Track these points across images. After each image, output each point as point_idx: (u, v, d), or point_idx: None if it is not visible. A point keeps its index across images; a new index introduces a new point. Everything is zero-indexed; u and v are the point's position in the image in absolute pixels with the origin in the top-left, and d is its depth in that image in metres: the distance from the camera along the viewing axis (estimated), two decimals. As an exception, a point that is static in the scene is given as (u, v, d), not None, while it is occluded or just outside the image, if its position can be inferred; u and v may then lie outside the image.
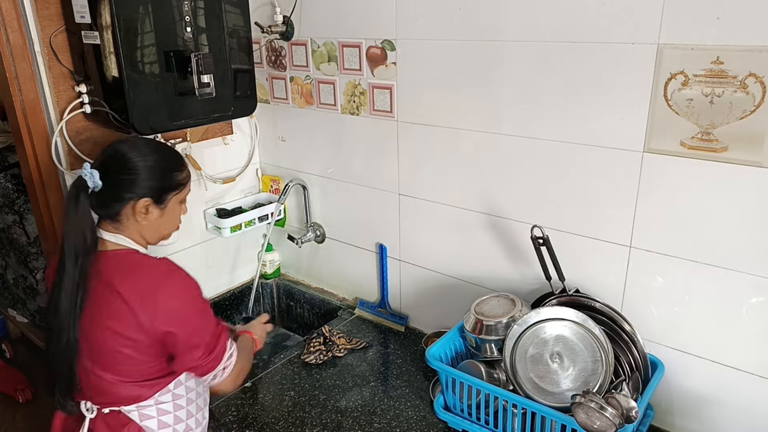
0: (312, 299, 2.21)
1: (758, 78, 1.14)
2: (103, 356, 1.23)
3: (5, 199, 2.80)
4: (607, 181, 1.39)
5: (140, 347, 1.22)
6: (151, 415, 1.28)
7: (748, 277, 1.26)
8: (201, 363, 1.26)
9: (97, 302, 1.22)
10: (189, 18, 1.61)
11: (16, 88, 1.59)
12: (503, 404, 1.37)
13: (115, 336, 1.21)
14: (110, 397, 1.27)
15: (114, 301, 1.20)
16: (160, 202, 1.30)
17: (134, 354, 1.23)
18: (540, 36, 1.40)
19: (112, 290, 1.21)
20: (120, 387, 1.25)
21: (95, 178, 1.23)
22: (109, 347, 1.22)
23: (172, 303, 1.22)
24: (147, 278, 1.23)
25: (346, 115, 1.89)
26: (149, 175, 1.28)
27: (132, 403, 1.27)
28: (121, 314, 1.20)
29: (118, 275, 1.22)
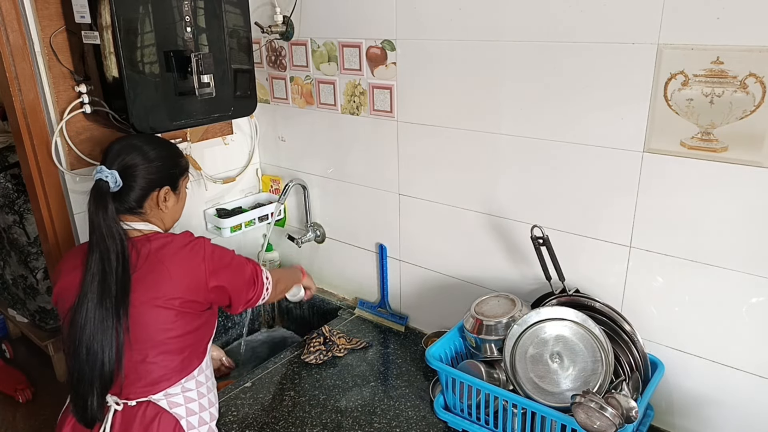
0: (312, 299, 2.21)
1: (758, 78, 1.14)
2: (146, 331, 1.28)
3: (5, 199, 2.80)
4: (607, 181, 1.39)
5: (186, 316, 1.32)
6: (179, 402, 1.34)
7: (748, 277, 1.26)
8: (252, 297, 1.45)
9: (144, 280, 1.28)
10: (189, 18, 1.61)
11: (16, 88, 1.59)
12: (503, 404, 1.37)
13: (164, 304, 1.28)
14: (142, 381, 1.30)
15: (161, 272, 1.29)
16: (176, 189, 1.44)
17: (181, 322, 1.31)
18: (540, 36, 1.40)
19: (157, 263, 1.30)
20: (156, 368, 1.31)
21: (117, 178, 1.31)
22: (157, 319, 1.28)
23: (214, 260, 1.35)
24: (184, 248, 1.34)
25: (346, 115, 1.89)
26: (165, 165, 1.40)
27: (161, 390, 1.32)
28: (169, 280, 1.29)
29: (161, 249, 1.32)
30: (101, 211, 1.28)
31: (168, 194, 1.41)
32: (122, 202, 1.34)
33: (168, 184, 1.41)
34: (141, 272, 1.29)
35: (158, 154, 1.39)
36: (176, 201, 1.45)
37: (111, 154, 1.35)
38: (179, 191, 1.46)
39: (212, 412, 1.42)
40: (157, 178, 1.38)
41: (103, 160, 1.35)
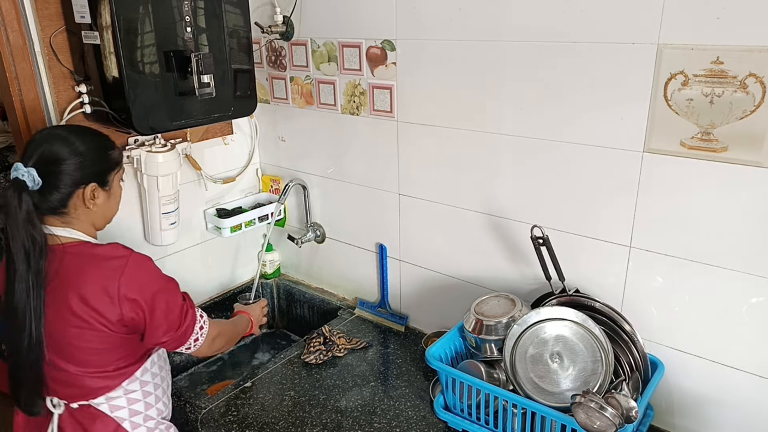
0: (312, 299, 2.21)
1: (758, 78, 1.14)
2: (68, 350, 1.23)
3: (5, 199, 2.80)
4: (607, 181, 1.39)
5: (105, 336, 1.23)
6: (121, 405, 1.30)
7: (748, 277, 1.25)
8: (169, 339, 1.29)
9: (57, 297, 1.21)
10: (189, 18, 1.61)
11: (16, 88, 1.59)
12: (503, 404, 1.37)
13: (81, 329, 1.21)
14: (78, 389, 1.27)
15: (76, 294, 1.20)
16: (105, 185, 1.30)
17: (100, 344, 1.24)
18: (540, 36, 1.40)
19: (72, 283, 1.20)
20: (87, 379, 1.26)
21: (35, 176, 1.19)
22: (75, 340, 1.22)
23: (134, 290, 1.22)
24: (106, 266, 1.22)
25: (346, 115, 1.89)
26: (89, 159, 1.26)
27: (101, 395, 1.28)
28: (84, 305, 1.20)
29: (77, 267, 1.21)
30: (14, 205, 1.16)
31: (96, 191, 1.27)
32: (44, 201, 1.21)
33: (95, 180, 1.26)
34: (53, 288, 1.20)
35: (84, 147, 1.25)
36: (107, 198, 1.31)
37: (29, 148, 1.22)
38: (110, 187, 1.31)
39: (159, 407, 1.38)
40: (81, 174, 1.24)
41: (22, 155, 1.22)
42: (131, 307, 1.22)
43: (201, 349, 1.38)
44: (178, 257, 2.02)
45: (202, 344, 1.37)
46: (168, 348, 1.35)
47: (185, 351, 1.36)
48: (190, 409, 1.58)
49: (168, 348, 1.35)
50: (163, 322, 1.27)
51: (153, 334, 1.27)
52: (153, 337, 1.28)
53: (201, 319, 1.37)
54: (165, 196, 1.79)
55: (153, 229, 1.84)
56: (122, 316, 1.22)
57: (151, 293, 1.24)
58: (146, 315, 1.24)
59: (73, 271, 1.21)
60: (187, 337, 1.33)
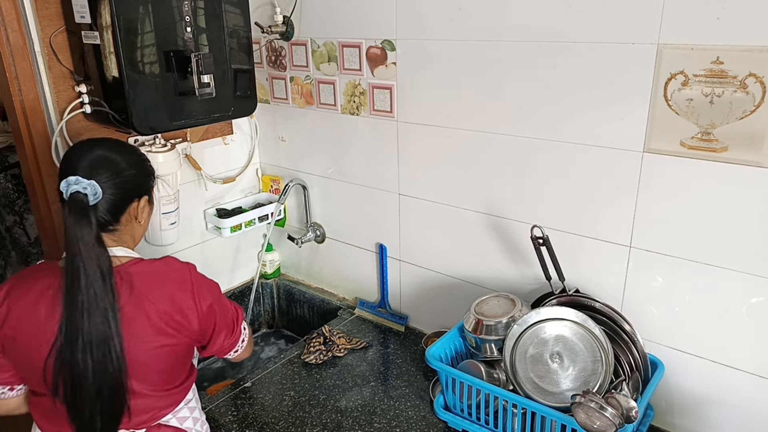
0: (312, 299, 2.21)
1: (758, 78, 1.14)
2: (144, 370, 1.18)
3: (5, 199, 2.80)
4: (607, 181, 1.39)
5: (180, 350, 1.21)
6: (186, 415, 1.29)
7: (748, 277, 1.26)
8: (229, 342, 1.32)
9: (132, 318, 1.14)
10: (189, 18, 1.61)
11: (16, 88, 1.59)
12: (503, 404, 1.37)
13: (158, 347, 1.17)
14: (149, 413, 1.22)
15: (150, 313, 1.15)
16: (151, 198, 1.30)
17: (174, 358, 1.22)
18: (540, 36, 1.40)
19: (145, 302, 1.15)
20: (157, 399, 1.22)
21: (97, 189, 1.12)
22: (151, 359, 1.17)
23: (206, 297, 1.23)
24: (175, 280, 1.21)
25: (346, 115, 1.89)
26: (140, 172, 1.24)
27: (169, 413, 1.25)
28: (160, 323, 1.16)
29: (149, 285, 1.17)
30: (85, 230, 1.08)
31: (145, 204, 1.26)
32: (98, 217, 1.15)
33: (146, 194, 1.26)
34: (125, 311, 1.13)
35: (132, 161, 1.22)
36: (150, 211, 1.30)
37: (83, 163, 1.15)
38: (152, 199, 1.31)
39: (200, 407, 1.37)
40: (135, 188, 1.22)
41: (72, 170, 1.13)
42: (208, 313, 1.23)
43: (244, 351, 1.39)
44: (178, 257, 2.02)
45: (246, 345, 1.38)
46: (221, 353, 1.34)
47: (232, 355, 1.36)
48: (190, 409, 1.58)
49: (221, 353, 1.34)
50: (224, 326, 1.29)
51: (216, 339, 1.28)
52: (216, 343, 1.29)
53: (244, 322, 1.38)
54: (165, 196, 1.79)
55: (153, 229, 1.84)
56: (201, 325, 1.22)
57: (216, 299, 1.26)
58: (217, 320, 1.26)
59: (145, 288, 1.16)
60: (237, 338, 1.34)
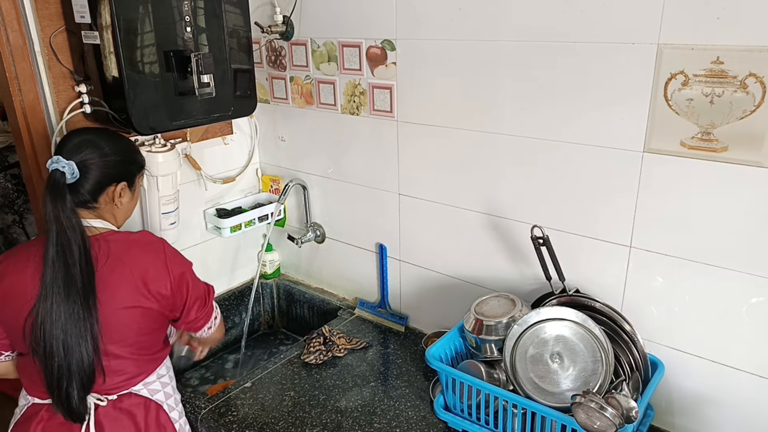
0: (312, 299, 2.21)
1: (758, 78, 1.14)
2: (120, 331, 1.29)
3: (5, 199, 2.80)
4: (607, 181, 1.39)
5: (152, 314, 1.32)
6: (157, 389, 1.39)
7: (748, 277, 1.26)
8: (201, 315, 1.42)
9: (109, 281, 1.26)
10: (189, 18, 1.61)
11: (16, 88, 1.59)
12: (503, 404, 1.37)
13: (132, 308, 1.28)
14: (121, 376, 1.32)
15: (126, 276, 1.28)
16: (132, 185, 1.41)
17: (148, 322, 1.32)
18: (540, 36, 1.40)
19: (121, 266, 1.28)
20: (131, 362, 1.33)
21: (74, 169, 1.27)
22: (126, 320, 1.29)
23: (178, 266, 1.35)
24: (150, 249, 1.34)
25: (346, 115, 1.89)
26: (123, 159, 1.37)
27: (140, 381, 1.35)
28: (137, 284, 1.28)
29: (125, 251, 1.30)
30: (59, 203, 1.23)
31: (124, 190, 1.38)
32: (76, 195, 1.29)
33: (125, 180, 1.37)
34: (102, 273, 1.26)
35: (117, 149, 1.36)
36: (131, 198, 1.42)
37: (69, 146, 1.31)
38: (135, 188, 1.43)
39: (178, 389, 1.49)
40: (114, 173, 1.34)
41: (59, 151, 1.30)
42: (179, 282, 1.34)
43: (217, 331, 1.50)
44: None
45: (219, 323, 1.49)
46: (195, 327, 1.44)
47: (206, 332, 1.46)
48: (190, 409, 1.58)
49: (195, 327, 1.44)
50: (198, 298, 1.40)
51: (190, 311, 1.39)
52: (189, 314, 1.39)
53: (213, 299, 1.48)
54: (165, 196, 1.79)
55: (153, 228, 1.84)
56: (172, 290, 1.32)
57: (188, 270, 1.38)
58: (189, 290, 1.37)
59: (122, 253, 1.29)
60: (210, 313, 1.45)
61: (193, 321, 1.42)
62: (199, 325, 1.44)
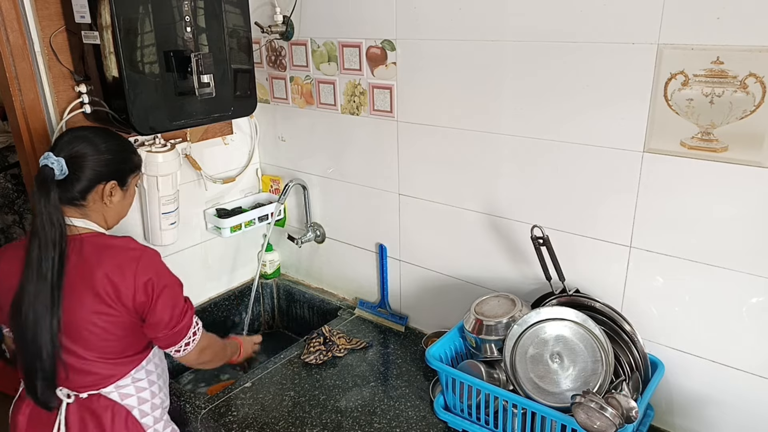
0: (312, 299, 2.21)
1: (758, 78, 1.14)
2: (83, 335, 1.28)
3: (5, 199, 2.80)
4: (607, 181, 1.39)
5: (119, 322, 1.29)
6: (130, 393, 1.36)
7: (748, 277, 1.26)
8: (164, 335, 1.34)
9: (76, 283, 1.26)
10: (189, 18, 1.61)
11: (16, 88, 1.59)
12: (503, 404, 1.37)
13: (96, 313, 1.27)
14: (90, 377, 1.31)
15: (93, 281, 1.26)
16: (123, 185, 1.39)
17: (114, 329, 1.30)
18: (540, 36, 1.40)
19: (92, 269, 1.26)
20: (100, 365, 1.31)
21: (62, 165, 1.27)
22: (90, 325, 1.27)
23: (148, 276, 1.29)
24: (122, 255, 1.29)
25: (346, 115, 1.89)
26: (115, 158, 1.36)
27: (110, 384, 1.33)
28: (101, 291, 1.26)
29: (96, 254, 1.28)
30: (43, 198, 1.23)
31: (114, 189, 1.36)
32: (66, 191, 1.29)
33: (116, 179, 1.36)
34: (70, 274, 1.26)
35: (109, 147, 1.35)
36: (122, 197, 1.40)
37: (61, 142, 1.32)
38: (127, 188, 1.41)
39: (162, 396, 1.44)
40: (105, 171, 1.33)
41: (52, 148, 1.31)
42: (144, 291, 1.28)
43: (189, 356, 1.41)
44: (177, 257, 2.02)
45: (191, 350, 1.40)
46: (161, 345, 1.38)
47: (174, 354, 1.39)
48: (190, 409, 1.58)
49: (161, 345, 1.38)
50: (164, 316, 1.32)
51: (150, 325, 1.32)
52: (150, 328, 1.33)
53: (196, 326, 1.41)
54: (165, 196, 1.79)
55: (153, 228, 1.84)
56: (135, 300, 1.28)
57: (161, 285, 1.31)
58: (152, 303, 1.30)
59: (93, 257, 1.28)
60: (180, 337, 1.37)
61: (157, 338, 1.35)
62: (162, 345, 1.38)
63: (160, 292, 1.30)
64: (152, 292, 1.29)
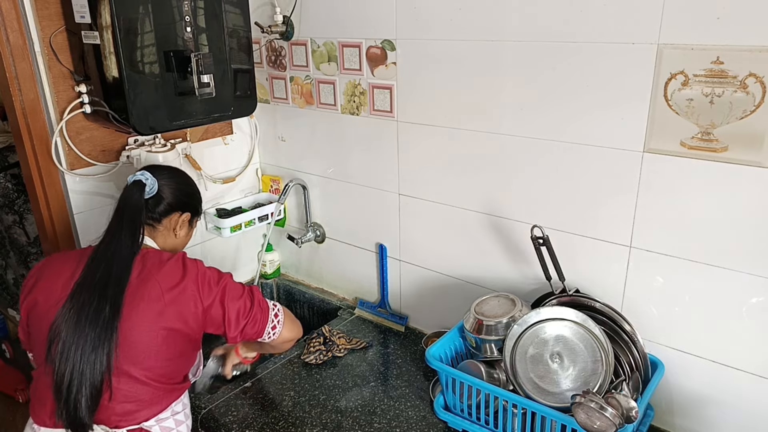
0: (312, 299, 2.21)
1: (758, 78, 1.14)
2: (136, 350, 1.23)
3: (5, 199, 2.80)
4: (607, 181, 1.39)
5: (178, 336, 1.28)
6: (171, 427, 1.32)
7: (748, 277, 1.26)
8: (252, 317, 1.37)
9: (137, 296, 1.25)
10: (189, 18, 1.61)
11: (16, 88, 1.59)
12: (503, 404, 1.37)
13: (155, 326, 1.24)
14: (132, 403, 1.24)
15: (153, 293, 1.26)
16: (192, 222, 1.52)
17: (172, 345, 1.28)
18: (540, 36, 1.40)
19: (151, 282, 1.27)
20: (145, 389, 1.25)
21: (154, 184, 1.38)
22: (146, 339, 1.24)
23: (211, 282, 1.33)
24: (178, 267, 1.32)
25: (346, 115, 1.89)
26: (194, 195, 1.51)
27: (152, 416, 1.28)
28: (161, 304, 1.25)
29: (157, 268, 1.30)
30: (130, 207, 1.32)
31: (185, 222, 1.47)
32: (147, 210, 1.39)
33: (190, 212, 1.48)
34: (132, 285, 1.25)
35: (190, 183, 1.50)
36: (187, 233, 1.50)
37: (154, 167, 1.45)
38: (193, 226, 1.53)
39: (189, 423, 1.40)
40: (184, 202, 1.45)
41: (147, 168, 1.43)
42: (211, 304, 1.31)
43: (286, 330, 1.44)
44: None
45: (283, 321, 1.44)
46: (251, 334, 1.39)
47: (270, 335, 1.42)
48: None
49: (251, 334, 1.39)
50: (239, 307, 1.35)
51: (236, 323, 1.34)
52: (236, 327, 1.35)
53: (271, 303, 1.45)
54: (165, 196, 1.79)
55: (153, 229, 1.84)
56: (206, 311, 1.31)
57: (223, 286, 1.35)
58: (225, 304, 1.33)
59: (155, 269, 1.29)
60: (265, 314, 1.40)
61: (244, 330, 1.36)
62: (254, 331, 1.39)
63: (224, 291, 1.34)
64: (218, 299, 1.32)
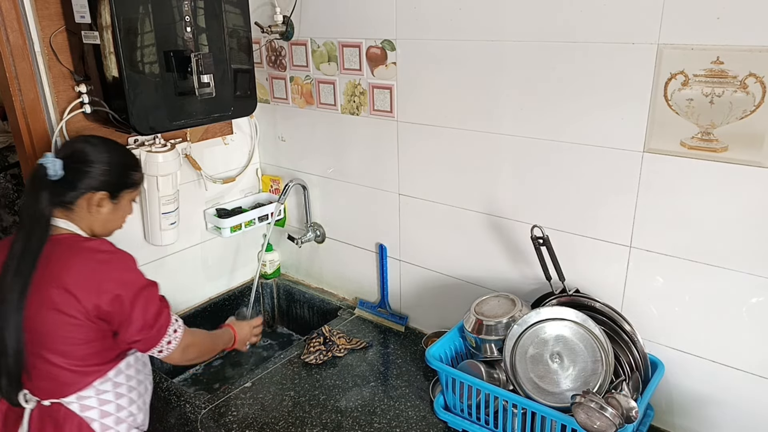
0: (312, 299, 2.21)
1: (758, 78, 1.14)
2: (47, 337, 1.26)
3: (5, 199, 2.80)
4: (607, 181, 1.39)
5: (83, 326, 1.26)
6: (92, 405, 1.33)
7: (748, 277, 1.25)
8: (143, 337, 1.31)
9: (42, 284, 1.25)
10: (189, 18, 1.61)
11: (16, 88, 1.59)
12: (503, 404, 1.37)
13: (60, 315, 1.25)
14: (53, 383, 1.30)
15: (57, 283, 1.24)
16: (114, 198, 1.39)
17: (77, 334, 1.27)
18: (540, 36, 1.40)
19: (57, 271, 1.25)
20: (63, 371, 1.29)
21: (57, 167, 1.29)
22: (54, 327, 1.26)
23: (118, 281, 1.27)
24: (92, 258, 1.28)
25: (346, 115, 1.89)
26: (112, 171, 1.37)
27: (72, 393, 1.31)
28: (64, 294, 1.24)
29: (65, 256, 1.27)
30: (34, 196, 1.28)
31: (103, 200, 1.35)
32: (57, 194, 1.31)
33: (108, 191, 1.35)
34: (39, 274, 1.25)
35: (111, 159, 1.36)
36: (112, 210, 1.39)
37: (64, 146, 1.37)
38: (119, 202, 1.40)
39: (133, 410, 1.39)
40: (98, 181, 1.34)
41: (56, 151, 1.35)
42: (111, 300, 1.25)
43: (173, 355, 1.38)
44: (177, 257, 2.02)
45: (175, 348, 1.37)
46: (140, 348, 1.35)
47: (157, 355, 1.37)
48: (190, 409, 1.58)
49: (140, 348, 1.35)
50: (139, 319, 1.29)
51: (127, 331, 1.30)
52: (127, 334, 1.30)
53: (176, 323, 1.38)
54: (165, 196, 1.79)
55: (153, 229, 1.84)
56: (99, 308, 1.25)
57: (134, 290, 1.28)
58: (125, 310, 1.27)
59: (62, 259, 1.27)
60: (159, 337, 1.34)
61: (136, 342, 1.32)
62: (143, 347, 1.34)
63: (133, 299, 1.27)
64: (125, 301, 1.27)
